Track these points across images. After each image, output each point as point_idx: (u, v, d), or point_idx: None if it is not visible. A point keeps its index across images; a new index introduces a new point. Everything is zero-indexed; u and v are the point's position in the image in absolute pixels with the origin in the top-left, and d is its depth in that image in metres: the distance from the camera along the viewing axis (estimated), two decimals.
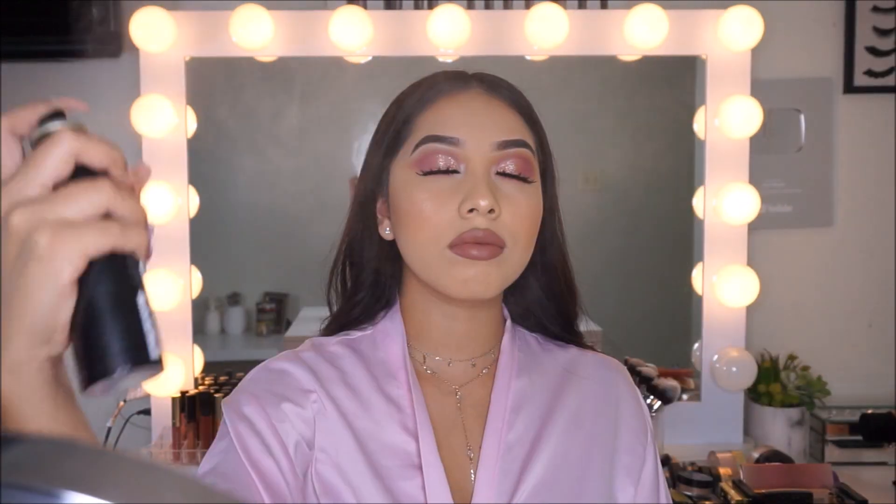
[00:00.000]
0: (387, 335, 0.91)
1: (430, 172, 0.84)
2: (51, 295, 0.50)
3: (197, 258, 1.94)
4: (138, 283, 0.54)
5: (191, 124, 1.94)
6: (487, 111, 0.86)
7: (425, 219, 0.83)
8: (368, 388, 0.87)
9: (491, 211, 0.81)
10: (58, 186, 0.51)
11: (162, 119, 1.85)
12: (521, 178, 0.85)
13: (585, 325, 0.99)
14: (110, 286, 0.52)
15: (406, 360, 0.89)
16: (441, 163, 0.84)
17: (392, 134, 0.88)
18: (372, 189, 0.90)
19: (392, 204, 0.88)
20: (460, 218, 0.82)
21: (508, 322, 0.94)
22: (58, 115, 0.55)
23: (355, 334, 0.92)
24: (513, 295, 0.95)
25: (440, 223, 0.82)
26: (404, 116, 0.88)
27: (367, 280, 0.91)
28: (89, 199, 0.50)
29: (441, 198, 0.83)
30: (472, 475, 0.84)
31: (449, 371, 0.90)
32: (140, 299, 0.54)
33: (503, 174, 0.84)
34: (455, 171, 0.84)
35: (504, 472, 0.84)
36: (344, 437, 0.83)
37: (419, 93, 0.88)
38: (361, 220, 0.91)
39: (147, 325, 0.53)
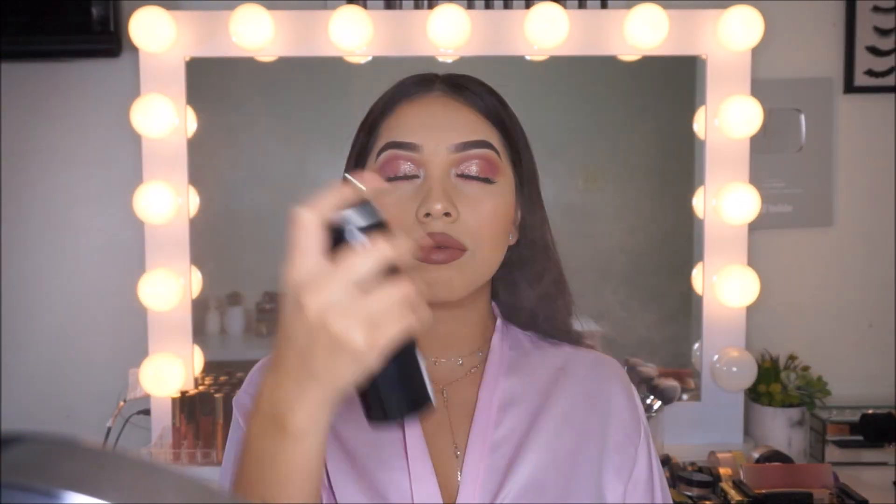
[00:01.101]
0: None
1: (392, 178, 0.84)
2: (357, 378, 0.59)
3: (197, 258, 1.94)
4: (414, 338, 0.62)
5: (191, 124, 1.94)
6: (446, 114, 0.86)
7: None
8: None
9: (448, 214, 0.82)
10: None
11: (162, 119, 1.85)
12: (483, 180, 0.85)
13: (586, 326, 0.99)
14: (406, 344, 0.61)
15: None
16: (401, 168, 0.84)
17: (361, 141, 0.90)
18: None
19: None
20: (419, 223, 0.82)
21: (499, 321, 0.94)
22: (363, 202, 0.61)
23: None
24: (503, 293, 0.95)
25: (401, 229, 0.82)
26: (370, 124, 0.89)
27: None
28: (396, 300, 0.57)
29: (402, 203, 0.83)
30: (459, 474, 0.84)
31: (435, 370, 0.90)
32: (417, 352, 0.63)
33: (464, 176, 0.85)
34: (415, 176, 0.84)
35: (490, 470, 0.84)
36: (330, 442, 0.84)
37: (384, 99, 0.90)
38: None
39: (425, 373, 0.63)
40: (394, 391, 0.61)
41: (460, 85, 0.89)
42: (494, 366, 0.90)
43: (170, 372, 1.86)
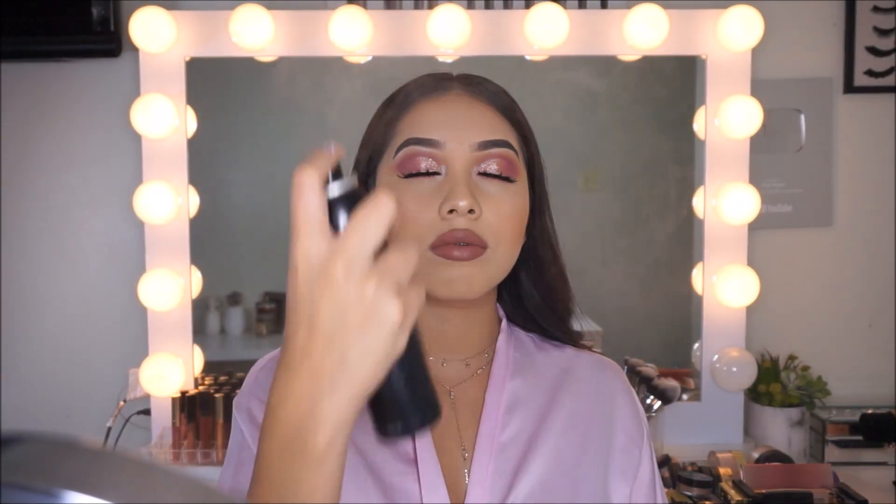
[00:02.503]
0: None
1: (412, 175, 0.84)
2: (388, 364, 0.54)
3: (197, 258, 1.94)
4: (419, 337, 0.58)
5: (191, 124, 1.94)
6: (468, 112, 0.86)
7: (407, 221, 0.83)
8: None
9: (471, 211, 0.81)
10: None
11: (162, 119, 1.85)
12: (503, 178, 0.85)
13: (586, 325, 0.99)
14: (415, 346, 0.57)
15: None
16: (422, 165, 0.84)
17: (376, 138, 0.89)
18: None
19: None
20: (441, 219, 0.82)
21: (504, 322, 0.94)
22: (336, 171, 0.57)
23: None
24: (508, 294, 0.95)
25: (422, 225, 0.82)
26: (387, 120, 0.88)
27: None
28: (410, 266, 0.53)
29: (422, 200, 0.83)
30: (466, 475, 0.84)
31: (443, 371, 0.90)
32: (426, 358, 0.59)
33: (485, 174, 0.85)
34: (436, 173, 0.84)
35: (498, 472, 0.84)
36: None
37: (401, 96, 0.89)
38: None
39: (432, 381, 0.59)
40: (408, 400, 0.57)
41: (478, 84, 0.89)
42: (501, 367, 0.90)
43: (170, 372, 1.87)
